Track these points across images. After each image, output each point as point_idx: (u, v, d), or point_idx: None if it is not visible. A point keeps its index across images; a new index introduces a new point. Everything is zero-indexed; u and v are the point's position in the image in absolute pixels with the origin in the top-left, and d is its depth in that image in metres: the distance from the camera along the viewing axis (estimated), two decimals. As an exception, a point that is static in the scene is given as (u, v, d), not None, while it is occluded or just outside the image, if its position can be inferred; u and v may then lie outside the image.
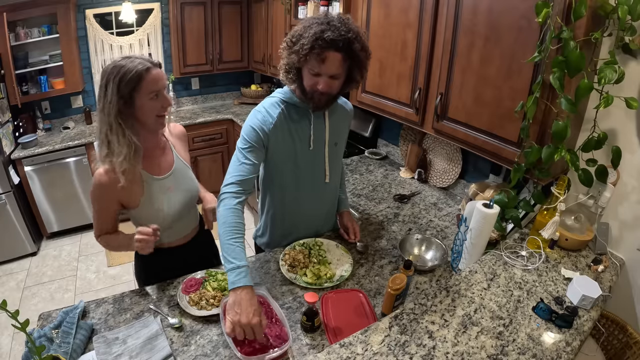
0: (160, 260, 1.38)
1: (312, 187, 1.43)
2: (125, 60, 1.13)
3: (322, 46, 1.09)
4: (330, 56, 1.12)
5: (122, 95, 1.11)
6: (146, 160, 1.25)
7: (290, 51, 1.17)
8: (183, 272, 1.36)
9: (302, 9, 2.81)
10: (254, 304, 1.02)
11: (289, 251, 1.45)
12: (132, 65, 1.11)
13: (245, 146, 1.24)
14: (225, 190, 1.20)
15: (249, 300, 1.02)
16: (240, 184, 1.21)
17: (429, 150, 2.22)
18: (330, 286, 1.32)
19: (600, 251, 1.43)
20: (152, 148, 1.28)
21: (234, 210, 1.16)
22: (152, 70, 1.14)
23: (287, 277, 1.34)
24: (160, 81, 1.17)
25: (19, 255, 3.09)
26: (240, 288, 1.04)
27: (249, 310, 1.00)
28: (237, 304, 1.02)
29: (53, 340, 1.07)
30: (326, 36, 1.08)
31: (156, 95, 1.16)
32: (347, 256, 1.45)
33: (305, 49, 1.10)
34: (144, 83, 1.12)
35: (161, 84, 1.17)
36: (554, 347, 1.02)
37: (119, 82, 1.10)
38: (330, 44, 1.09)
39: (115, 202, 1.24)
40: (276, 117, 1.27)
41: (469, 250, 1.37)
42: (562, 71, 1.18)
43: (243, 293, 1.03)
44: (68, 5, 3.04)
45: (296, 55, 1.14)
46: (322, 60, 1.12)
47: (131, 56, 1.15)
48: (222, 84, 4.28)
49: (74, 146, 3.12)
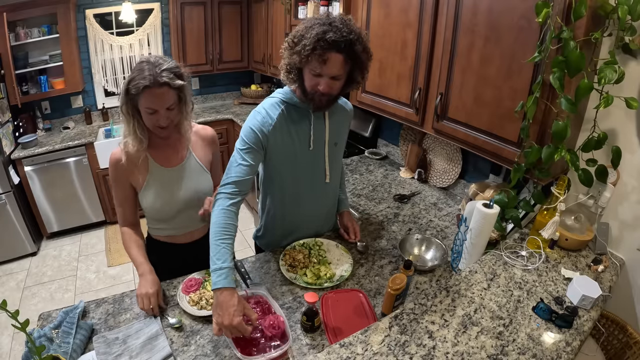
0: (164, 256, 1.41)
1: (312, 188, 1.43)
2: (145, 64, 1.16)
3: (323, 47, 1.09)
4: (332, 57, 1.12)
5: (129, 96, 1.18)
6: (155, 149, 1.33)
7: (292, 51, 1.16)
8: (185, 271, 1.37)
9: (302, 9, 2.81)
10: (233, 305, 1.03)
11: (289, 251, 1.45)
12: (140, 76, 1.13)
13: (243, 147, 1.24)
14: (221, 190, 1.21)
15: (229, 302, 1.03)
16: (236, 184, 1.21)
17: (429, 150, 2.22)
18: (330, 286, 1.32)
19: (600, 251, 1.43)
20: (161, 144, 1.34)
21: (225, 212, 1.17)
22: (152, 90, 1.14)
23: (287, 277, 1.34)
24: (157, 101, 1.17)
25: (19, 255, 3.09)
26: (221, 290, 1.05)
27: (229, 311, 1.02)
28: (219, 305, 1.04)
29: (53, 340, 1.07)
30: (328, 37, 1.08)
31: (153, 112, 1.19)
32: (347, 256, 1.45)
33: (307, 50, 1.10)
34: (142, 98, 1.16)
35: (158, 104, 1.17)
36: (554, 347, 1.02)
37: (127, 84, 1.16)
38: (332, 45, 1.09)
39: (126, 181, 1.32)
40: (276, 118, 1.27)
41: (469, 250, 1.37)
42: (562, 71, 1.18)
43: (223, 295, 1.05)
44: (68, 5, 3.04)
45: (298, 56, 1.14)
46: (324, 62, 1.12)
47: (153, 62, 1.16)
48: (222, 84, 4.28)
49: (74, 146, 3.12)
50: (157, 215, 1.39)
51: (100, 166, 3.27)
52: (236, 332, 1.02)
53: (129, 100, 1.19)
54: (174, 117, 1.25)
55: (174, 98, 1.20)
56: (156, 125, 1.23)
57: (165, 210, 1.36)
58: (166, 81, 1.14)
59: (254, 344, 1.07)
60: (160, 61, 1.17)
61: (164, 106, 1.19)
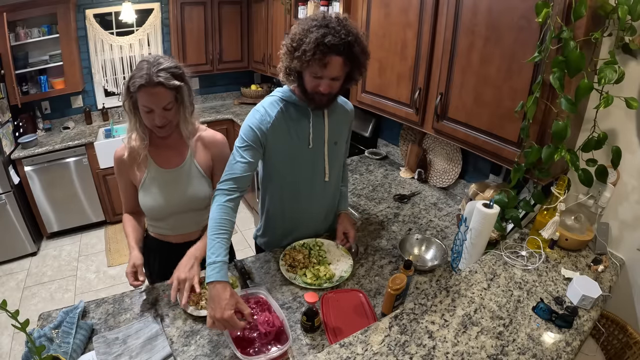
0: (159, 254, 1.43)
1: (311, 186, 1.43)
2: (145, 63, 1.17)
3: (323, 52, 1.10)
4: (332, 60, 1.13)
5: (130, 93, 1.20)
6: (155, 148, 1.35)
7: (291, 56, 1.17)
8: None
9: (302, 9, 2.81)
10: (225, 298, 1.04)
11: (289, 251, 1.45)
12: (138, 74, 1.15)
13: (242, 145, 1.26)
14: (219, 187, 1.23)
15: (222, 295, 1.04)
16: (234, 181, 1.22)
17: (429, 150, 2.22)
18: (329, 287, 1.32)
19: (600, 251, 1.43)
20: (161, 144, 1.35)
21: (222, 207, 1.18)
22: (147, 89, 1.15)
23: (287, 277, 1.34)
24: (153, 100, 1.18)
25: (19, 255, 3.09)
26: (214, 283, 1.07)
27: (221, 304, 1.03)
28: (212, 299, 1.05)
29: (53, 340, 1.07)
30: (327, 41, 1.09)
31: (149, 110, 1.20)
32: (347, 257, 1.45)
33: (307, 56, 1.11)
34: (139, 96, 1.18)
35: (153, 103, 1.18)
36: (554, 347, 1.02)
37: (128, 81, 1.18)
38: (331, 49, 1.10)
39: (127, 177, 1.36)
40: (274, 116, 1.28)
41: (469, 250, 1.37)
42: (562, 71, 1.18)
43: (216, 288, 1.06)
44: (68, 5, 3.04)
45: (298, 61, 1.15)
46: (324, 65, 1.13)
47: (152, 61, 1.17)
48: (222, 84, 4.28)
49: (74, 146, 3.12)
50: (150, 213, 1.40)
51: (101, 166, 3.27)
52: (228, 325, 1.03)
53: (129, 97, 1.21)
54: (172, 117, 1.25)
55: (170, 98, 1.20)
56: (153, 124, 1.24)
57: (157, 210, 1.37)
58: (161, 81, 1.14)
59: (254, 344, 1.07)
60: (160, 60, 1.18)
61: (159, 105, 1.19)
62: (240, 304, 1.07)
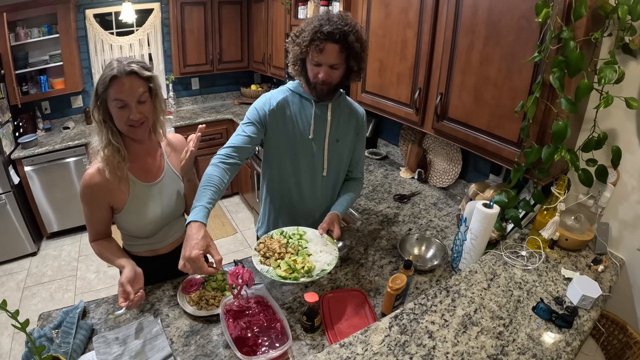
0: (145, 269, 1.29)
1: (309, 178, 1.45)
2: (114, 61, 1.13)
3: (320, 38, 1.22)
4: (328, 47, 1.23)
5: (98, 95, 1.13)
6: (134, 164, 1.26)
7: (294, 44, 1.31)
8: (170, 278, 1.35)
9: (302, 9, 2.81)
10: (197, 238, 1.03)
11: (264, 239, 1.29)
12: (109, 69, 1.11)
13: (245, 122, 1.37)
14: (218, 153, 1.30)
15: (194, 235, 1.04)
16: (233, 149, 1.30)
17: (429, 150, 2.22)
18: (307, 281, 1.16)
19: (600, 251, 1.43)
20: (138, 153, 1.27)
21: (215, 167, 1.25)
22: (120, 79, 1.09)
23: (258, 270, 1.17)
24: (126, 92, 1.11)
25: (19, 255, 3.09)
26: (190, 224, 1.07)
27: (191, 243, 1.02)
28: (186, 239, 1.05)
29: (53, 340, 1.07)
30: (324, 29, 1.21)
31: (123, 105, 1.12)
32: (332, 247, 1.27)
33: (305, 41, 1.24)
34: (110, 90, 1.11)
35: (127, 96, 1.11)
36: (554, 347, 1.02)
37: (97, 82, 1.13)
38: (327, 36, 1.21)
39: (104, 203, 1.23)
40: (279, 99, 1.38)
41: (469, 250, 1.37)
42: (562, 71, 1.18)
43: (191, 228, 1.06)
44: (68, 5, 3.04)
45: (299, 47, 1.28)
46: (321, 51, 1.24)
47: (123, 59, 1.14)
48: (222, 84, 4.28)
49: (74, 146, 3.12)
50: (139, 233, 1.33)
51: (100, 166, 3.26)
52: (195, 266, 1.01)
53: (99, 102, 1.13)
54: (147, 113, 1.17)
55: (144, 88, 1.14)
56: (128, 121, 1.14)
57: (149, 228, 1.31)
58: (133, 69, 1.11)
59: (254, 344, 1.07)
60: (129, 58, 1.15)
61: (134, 98, 1.12)
62: (211, 247, 1.05)
